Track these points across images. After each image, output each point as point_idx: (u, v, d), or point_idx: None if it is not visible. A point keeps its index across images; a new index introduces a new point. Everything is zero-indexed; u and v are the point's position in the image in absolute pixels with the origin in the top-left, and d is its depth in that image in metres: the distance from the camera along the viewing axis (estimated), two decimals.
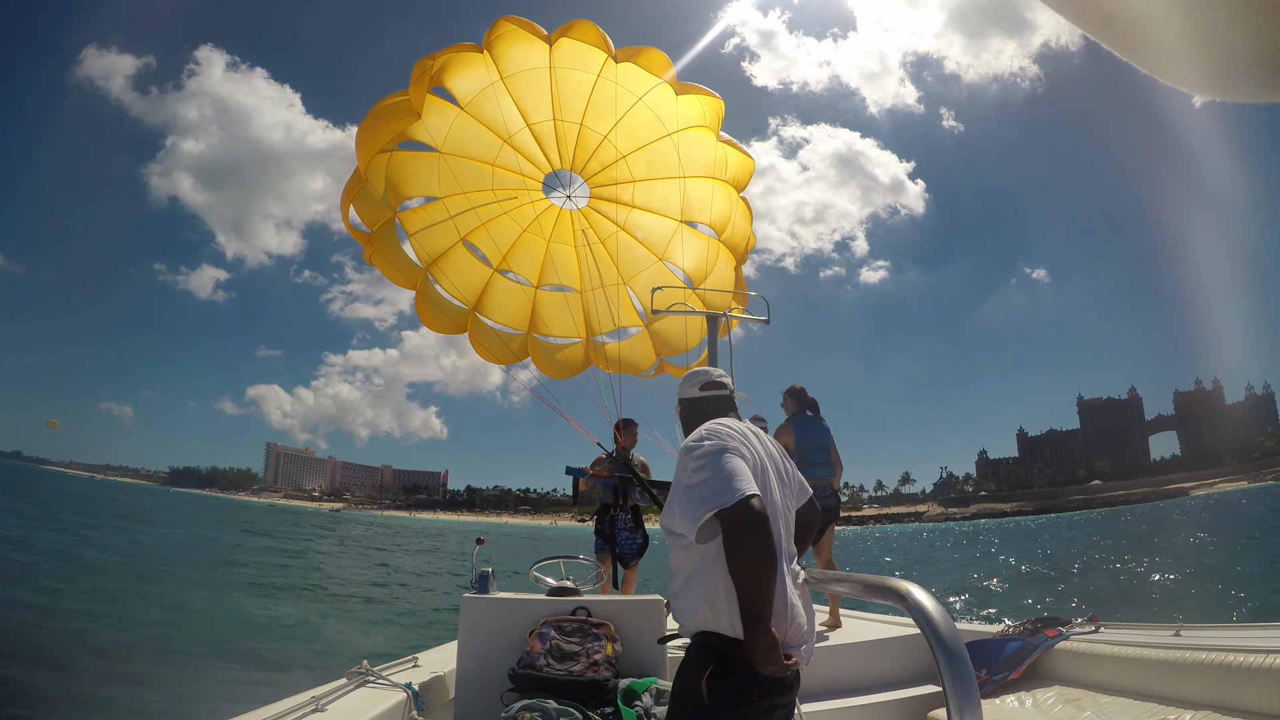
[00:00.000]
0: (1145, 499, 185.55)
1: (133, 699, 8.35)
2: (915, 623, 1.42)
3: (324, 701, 2.91)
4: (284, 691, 2.97)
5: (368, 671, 3.35)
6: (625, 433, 7.19)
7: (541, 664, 3.14)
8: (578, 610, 3.53)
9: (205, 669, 9.94)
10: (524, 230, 8.01)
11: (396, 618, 16.04)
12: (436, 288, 7.80)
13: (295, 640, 12.79)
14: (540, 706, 2.88)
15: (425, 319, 7.92)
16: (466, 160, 7.36)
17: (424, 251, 7.66)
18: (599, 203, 7.98)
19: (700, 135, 7.38)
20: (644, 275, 8.10)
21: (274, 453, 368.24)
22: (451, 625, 5.03)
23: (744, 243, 7.93)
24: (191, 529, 41.05)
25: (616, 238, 8.06)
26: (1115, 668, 3.78)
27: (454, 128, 7.13)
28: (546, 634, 3.30)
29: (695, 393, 2.85)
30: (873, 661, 4.64)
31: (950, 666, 1.30)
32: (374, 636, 13.64)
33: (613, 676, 3.16)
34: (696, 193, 7.65)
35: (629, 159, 7.54)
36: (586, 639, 3.28)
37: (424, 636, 12.05)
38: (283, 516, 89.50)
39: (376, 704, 2.97)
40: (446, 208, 7.49)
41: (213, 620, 13.68)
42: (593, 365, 8.45)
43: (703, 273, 7.98)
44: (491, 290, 8.03)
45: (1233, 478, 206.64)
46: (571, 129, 7.35)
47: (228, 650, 11.24)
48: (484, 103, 7.07)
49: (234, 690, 8.98)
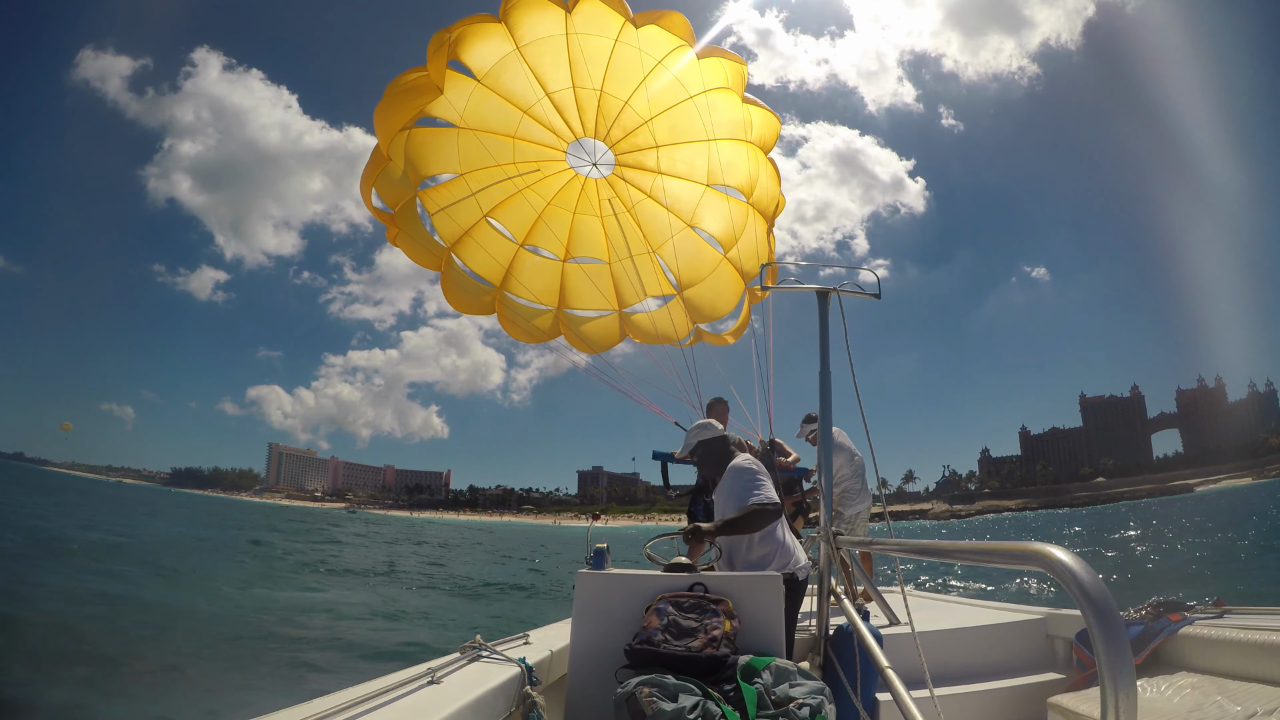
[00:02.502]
0: (1149, 495, 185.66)
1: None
2: (1065, 586, 1.33)
3: (440, 674, 2.88)
4: (401, 665, 2.97)
5: (481, 646, 3.34)
6: (713, 413, 7.08)
7: (659, 640, 3.06)
8: (695, 586, 3.46)
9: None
10: (548, 203, 7.94)
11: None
12: (461, 267, 7.73)
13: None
14: (658, 681, 2.81)
15: (451, 299, 7.85)
16: (486, 134, 7.28)
17: (447, 230, 7.59)
18: (624, 170, 7.89)
19: (723, 97, 7.31)
20: (673, 242, 8.02)
21: (276, 453, 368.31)
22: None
23: (773, 205, 7.86)
24: (263, 532, 41.74)
25: (643, 205, 8.00)
26: (1244, 653, 3.62)
27: (472, 101, 7.06)
28: (664, 610, 3.21)
29: (708, 436, 4.60)
30: (984, 648, 4.58)
31: (1104, 630, 1.21)
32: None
33: (732, 653, 3.07)
34: (722, 155, 7.58)
35: (652, 124, 7.46)
36: (704, 615, 3.20)
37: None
38: (306, 517, 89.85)
39: (491, 677, 2.93)
40: (468, 184, 7.43)
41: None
42: (628, 338, 8.42)
43: (732, 237, 7.91)
44: (518, 266, 7.97)
45: (1236, 475, 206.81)
46: (592, 96, 7.28)
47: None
48: (501, 74, 7.00)
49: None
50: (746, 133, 7.46)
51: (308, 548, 31.75)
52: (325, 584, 19.53)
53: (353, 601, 15.93)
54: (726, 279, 8.09)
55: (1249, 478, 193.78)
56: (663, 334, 8.20)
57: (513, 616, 15.53)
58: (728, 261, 8.01)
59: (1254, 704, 3.22)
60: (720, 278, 8.09)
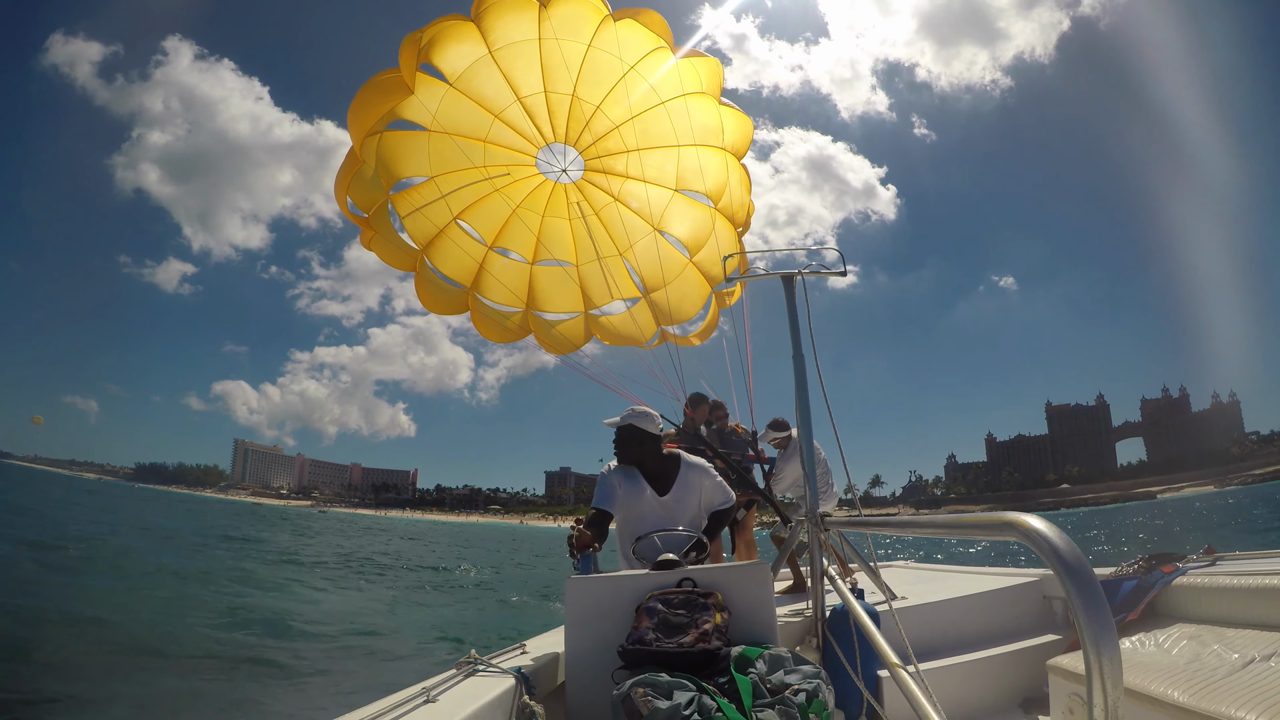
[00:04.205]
0: (1113, 501, 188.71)
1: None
2: (1040, 553, 1.35)
3: (435, 692, 2.87)
4: (394, 687, 2.95)
5: (477, 660, 3.34)
6: (696, 411, 7.22)
7: (651, 638, 3.08)
8: (683, 581, 3.47)
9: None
10: (518, 206, 7.96)
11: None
12: (433, 269, 7.74)
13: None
14: (652, 680, 2.82)
15: (425, 301, 7.86)
16: (457, 138, 7.29)
17: (418, 233, 7.60)
18: (593, 175, 7.93)
19: (696, 101, 7.36)
20: (639, 246, 8.10)
21: (241, 449, 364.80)
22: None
23: (742, 211, 7.92)
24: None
25: (610, 209, 8.04)
26: (1239, 599, 3.68)
27: (444, 104, 7.07)
28: (654, 608, 3.24)
29: (656, 430, 4.43)
30: (982, 616, 4.65)
31: (1081, 594, 1.24)
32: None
33: (724, 645, 3.09)
34: (691, 161, 7.62)
35: (622, 129, 7.50)
36: (694, 610, 3.22)
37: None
38: (281, 517, 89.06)
39: (487, 691, 2.93)
40: (438, 187, 7.44)
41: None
42: (595, 339, 8.47)
43: (699, 242, 7.99)
44: (488, 269, 7.98)
45: (1199, 483, 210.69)
46: (563, 100, 7.32)
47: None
48: (473, 78, 7.02)
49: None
50: (718, 138, 7.53)
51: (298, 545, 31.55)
52: (313, 589, 19.38)
53: (343, 610, 15.73)
54: (693, 283, 8.17)
55: (1211, 485, 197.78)
56: (629, 336, 8.30)
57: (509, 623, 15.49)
58: (694, 266, 8.11)
59: (1251, 650, 3.22)
60: (686, 281, 8.17)
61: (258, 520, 67.72)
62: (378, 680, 9.54)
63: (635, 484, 4.40)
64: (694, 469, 4.47)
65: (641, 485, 4.41)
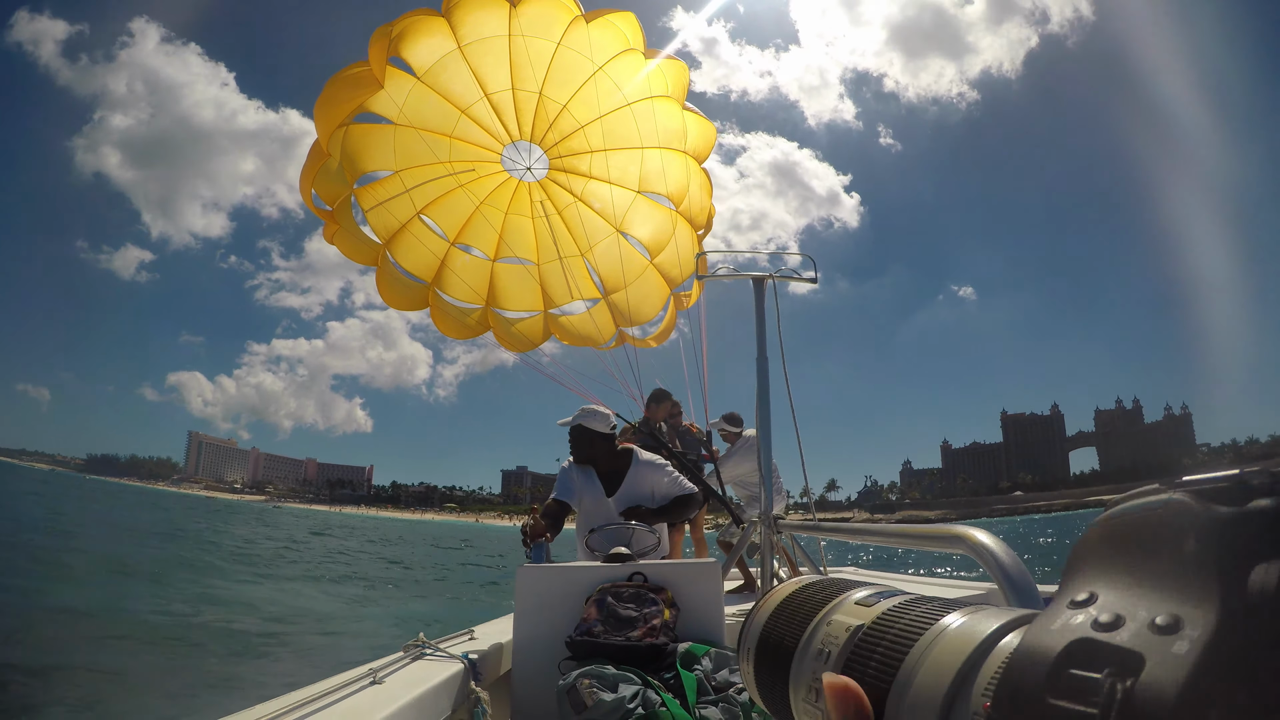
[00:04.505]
0: (1066, 509, 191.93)
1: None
2: (984, 566, 1.41)
3: (382, 674, 2.86)
4: (341, 668, 2.95)
5: (424, 644, 3.32)
6: (650, 411, 7.23)
7: (599, 631, 3.11)
8: (634, 576, 3.51)
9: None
10: (481, 202, 7.94)
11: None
12: (394, 264, 7.70)
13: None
14: (598, 672, 2.86)
15: (386, 296, 7.82)
16: (423, 132, 7.26)
17: (381, 227, 7.55)
18: (557, 174, 7.94)
19: (662, 104, 7.40)
20: (601, 247, 8.11)
21: (195, 442, 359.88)
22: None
23: (702, 214, 7.97)
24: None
25: (573, 209, 8.04)
26: None
27: (411, 98, 7.04)
28: (603, 601, 3.27)
29: (607, 429, 4.55)
30: None
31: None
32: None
33: (671, 641, 3.15)
34: (654, 163, 7.65)
35: (587, 129, 7.51)
36: (643, 604, 3.25)
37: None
38: (234, 511, 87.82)
39: (434, 675, 2.93)
40: (403, 181, 7.40)
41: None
42: (554, 338, 8.47)
43: (660, 244, 8.01)
44: (449, 265, 7.95)
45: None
46: (531, 98, 7.31)
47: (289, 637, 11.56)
48: (441, 72, 7.00)
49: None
50: (682, 142, 7.57)
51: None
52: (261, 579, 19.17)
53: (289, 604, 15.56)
54: (653, 284, 8.19)
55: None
56: (588, 336, 8.30)
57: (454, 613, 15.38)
58: (654, 268, 8.12)
59: None
60: (647, 283, 8.18)
61: (211, 514, 66.73)
62: (323, 662, 9.46)
63: (590, 480, 4.49)
64: (646, 466, 4.54)
65: (595, 483, 4.48)
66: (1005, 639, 0.36)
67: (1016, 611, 0.38)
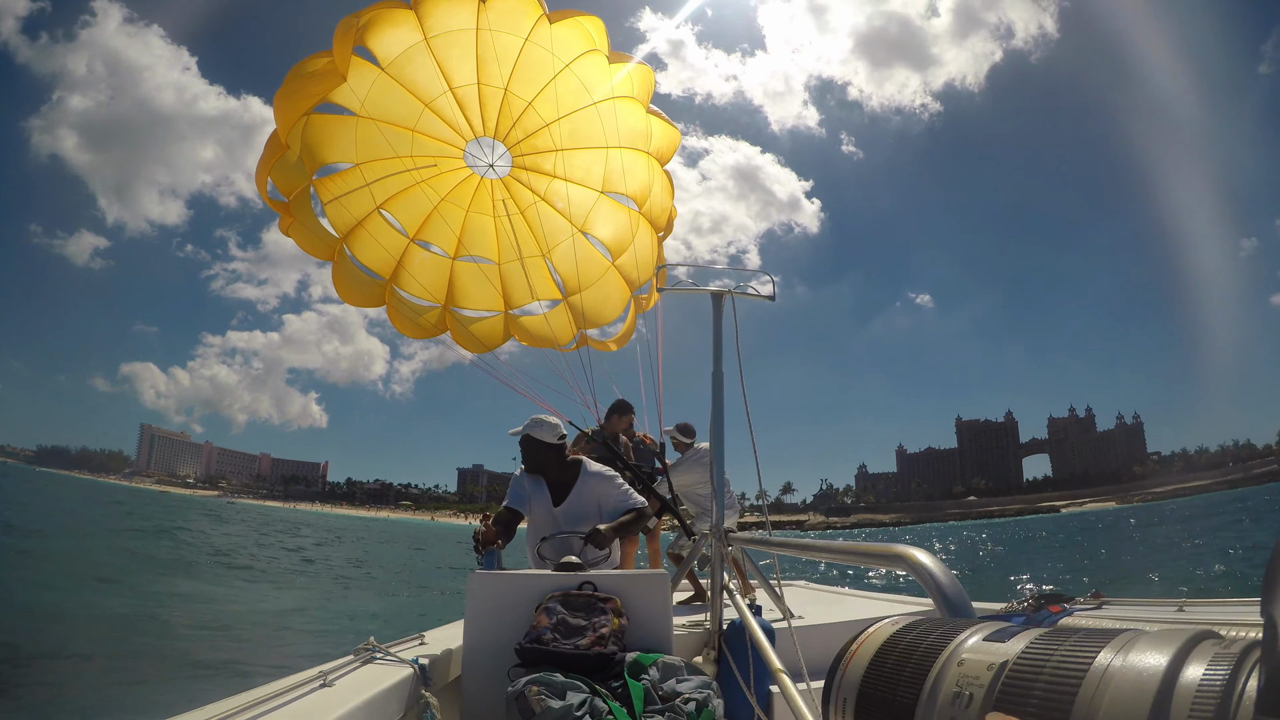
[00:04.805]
0: (1018, 514, 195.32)
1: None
2: (922, 585, 1.44)
3: (332, 677, 2.86)
4: (291, 670, 2.94)
5: (375, 648, 3.32)
6: (610, 422, 7.21)
7: (548, 638, 3.14)
8: (584, 585, 3.53)
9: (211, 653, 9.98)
10: (442, 199, 7.84)
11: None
12: (352, 259, 7.57)
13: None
14: (547, 680, 2.86)
15: (342, 292, 7.67)
16: (385, 125, 7.15)
17: (339, 221, 7.41)
18: (520, 172, 7.85)
19: (627, 105, 7.36)
20: (562, 247, 8.06)
21: (148, 435, 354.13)
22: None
23: (665, 216, 7.93)
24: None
25: (536, 208, 7.97)
26: None
27: (374, 90, 6.92)
28: (553, 609, 3.29)
29: (556, 440, 4.55)
30: None
31: None
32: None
33: (619, 650, 3.18)
34: (619, 163, 7.62)
35: (553, 127, 7.44)
36: (593, 613, 3.29)
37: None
38: (191, 507, 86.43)
39: (384, 679, 2.94)
40: (363, 174, 7.27)
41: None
42: (513, 339, 8.39)
43: (622, 245, 7.96)
44: (407, 262, 7.84)
45: (1102, 498, 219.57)
46: (496, 94, 7.23)
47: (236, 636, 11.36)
48: (407, 64, 6.89)
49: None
50: (646, 143, 7.53)
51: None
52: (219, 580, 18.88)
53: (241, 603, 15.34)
54: (614, 286, 8.14)
55: (1113, 501, 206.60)
56: (547, 337, 8.21)
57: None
58: (616, 269, 8.07)
59: None
60: (608, 284, 8.14)
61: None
62: (272, 663, 9.33)
63: (540, 489, 4.53)
64: (594, 477, 4.60)
65: (544, 492, 4.52)
66: (1194, 656, 0.35)
67: (1182, 634, 0.37)
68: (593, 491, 4.54)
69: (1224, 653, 0.33)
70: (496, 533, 4.08)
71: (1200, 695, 0.32)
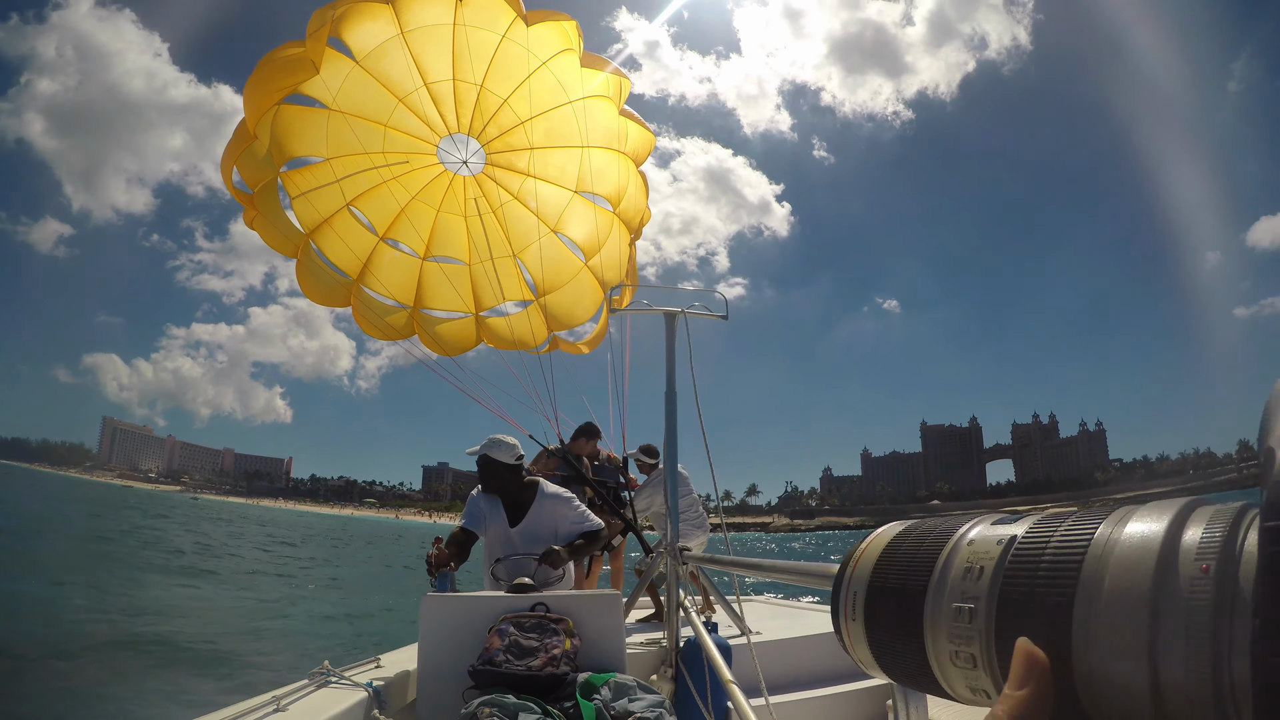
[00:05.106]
0: None
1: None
2: None
3: (285, 701, 2.86)
4: (245, 693, 2.92)
5: (329, 672, 3.32)
6: (576, 443, 7.11)
7: (501, 660, 3.14)
8: (536, 606, 3.53)
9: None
10: (413, 197, 7.73)
11: None
12: (319, 256, 7.42)
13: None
14: (499, 701, 2.87)
15: (306, 289, 7.52)
16: (358, 119, 7.03)
17: (307, 216, 7.27)
18: (493, 169, 7.76)
19: (602, 106, 7.31)
20: (535, 247, 7.96)
21: (110, 428, 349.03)
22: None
23: (639, 217, 7.89)
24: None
25: (509, 207, 7.89)
26: None
27: (348, 83, 6.81)
28: (505, 630, 3.30)
29: (513, 460, 4.46)
30: (830, 654, 4.67)
31: None
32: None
33: (571, 670, 3.19)
34: (594, 163, 7.54)
35: (527, 125, 7.36)
36: (545, 634, 3.30)
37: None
38: (156, 502, 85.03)
39: (338, 703, 2.93)
40: (333, 170, 7.14)
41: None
42: (484, 342, 8.26)
43: (595, 245, 7.88)
44: (376, 260, 7.71)
45: (1064, 503, 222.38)
46: (471, 90, 7.15)
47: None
48: (381, 58, 6.80)
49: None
50: (621, 144, 7.47)
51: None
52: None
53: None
54: (586, 287, 8.05)
55: (1075, 507, 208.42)
56: (519, 340, 8.06)
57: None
58: (589, 270, 7.98)
59: None
60: (580, 285, 8.05)
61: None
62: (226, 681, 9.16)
63: (496, 510, 4.51)
64: (551, 499, 4.57)
65: (500, 512, 4.49)
66: (1192, 520, 0.35)
67: (1176, 502, 0.37)
68: (550, 513, 4.52)
69: (1220, 512, 0.34)
70: (449, 555, 4.07)
71: (1203, 548, 0.33)
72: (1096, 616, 0.35)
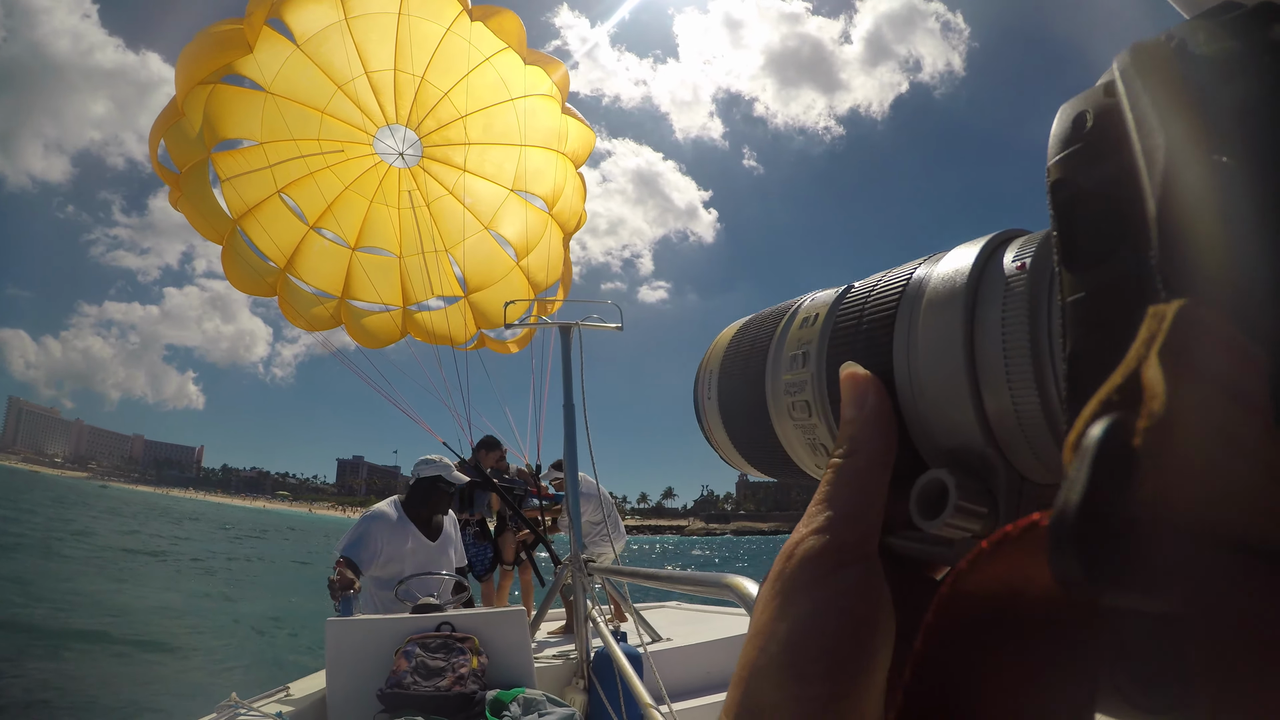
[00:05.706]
0: None
1: None
2: (746, 611, 1.45)
3: None
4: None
5: (238, 705, 3.30)
6: (479, 455, 7.00)
7: (408, 682, 3.18)
8: (441, 626, 3.56)
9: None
10: (346, 187, 7.63)
11: None
12: (246, 242, 7.25)
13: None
14: None
15: (231, 277, 7.36)
16: (294, 104, 6.94)
17: (236, 201, 7.10)
18: (430, 163, 7.71)
19: (543, 104, 7.31)
20: (467, 243, 7.88)
21: (15, 409, 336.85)
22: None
23: (574, 219, 7.87)
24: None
25: (443, 202, 7.83)
26: None
27: (286, 66, 6.72)
28: (412, 652, 3.33)
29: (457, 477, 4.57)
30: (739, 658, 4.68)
31: None
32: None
33: (480, 689, 3.25)
34: (531, 162, 7.53)
35: (467, 120, 7.35)
36: (451, 654, 3.35)
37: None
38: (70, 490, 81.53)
39: None
40: (266, 155, 7.00)
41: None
42: (410, 336, 8.16)
43: (528, 245, 7.86)
44: (305, 249, 7.58)
45: None
46: (411, 81, 7.12)
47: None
48: (323, 43, 6.72)
49: None
50: (561, 144, 7.48)
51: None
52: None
53: None
54: (517, 286, 7.97)
55: None
56: (443, 335, 7.99)
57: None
58: (520, 269, 7.96)
59: None
60: (511, 284, 7.97)
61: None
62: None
63: (402, 529, 4.42)
64: (449, 520, 4.74)
65: (408, 531, 4.42)
66: (1010, 243, 0.35)
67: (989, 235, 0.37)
68: (451, 533, 4.65)
69: (1032, 239, 0.33)
70: (353, 577, 4.01)
71: (1020, 253, 0.33)
72: (915, 323, 0.36)
